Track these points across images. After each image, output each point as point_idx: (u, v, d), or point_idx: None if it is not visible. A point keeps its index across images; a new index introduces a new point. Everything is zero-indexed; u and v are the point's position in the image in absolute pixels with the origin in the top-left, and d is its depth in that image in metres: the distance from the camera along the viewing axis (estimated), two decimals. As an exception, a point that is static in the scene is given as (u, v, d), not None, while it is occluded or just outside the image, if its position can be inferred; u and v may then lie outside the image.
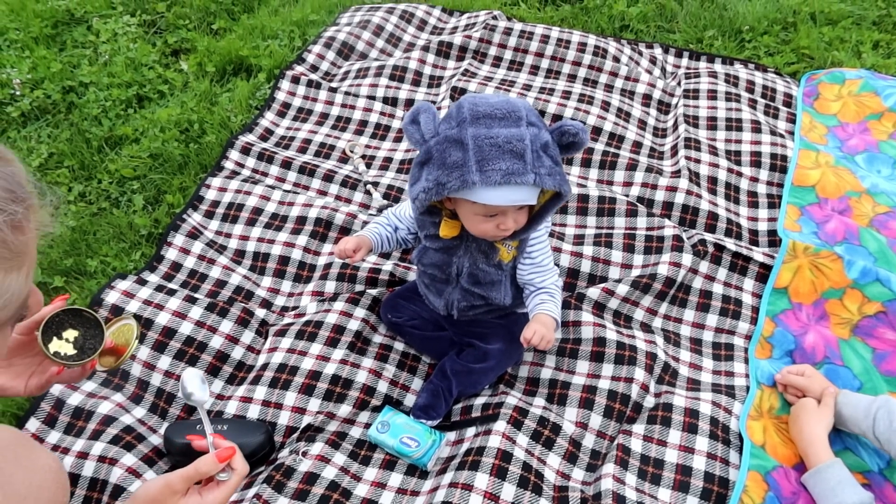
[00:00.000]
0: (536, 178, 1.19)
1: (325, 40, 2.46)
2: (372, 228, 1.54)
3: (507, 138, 1.19)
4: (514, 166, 1.18)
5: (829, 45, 2.51)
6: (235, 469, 1.01)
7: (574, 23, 2.63)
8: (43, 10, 2.64)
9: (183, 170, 2.08)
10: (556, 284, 1.48)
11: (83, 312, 1.05)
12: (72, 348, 1.03)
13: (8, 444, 1.00)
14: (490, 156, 1.18)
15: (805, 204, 1.95)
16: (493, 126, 1.20)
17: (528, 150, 1.19)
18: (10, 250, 0.66)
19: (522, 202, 1.25)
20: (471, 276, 1.46)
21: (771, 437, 1.48)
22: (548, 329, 1.38)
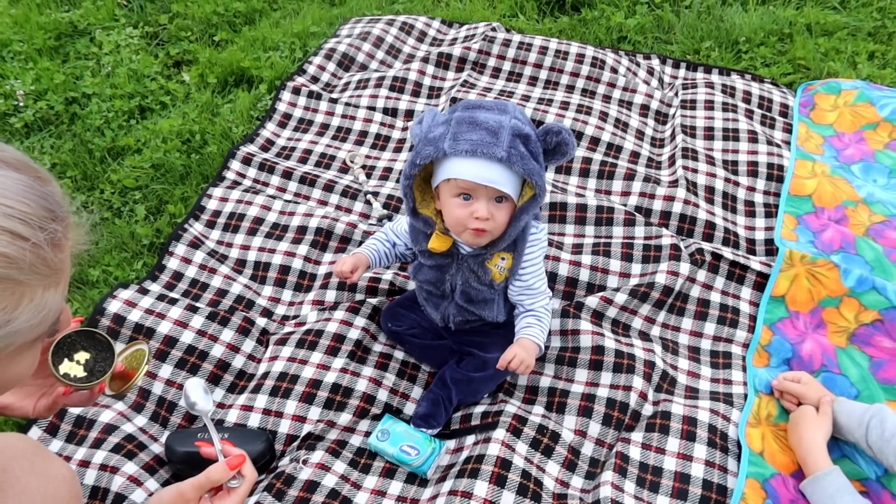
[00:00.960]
0: (506, 155, 1.22)
1: (326, 52, 2.49)
2: (369, 245, 1.56)
3: (486, 119, 1.25)
4: (485, 138, 1.23)
5: (825, 55, 2.54)
6: (245, 476, 1.03)
7: (572, 34, 2.65)
8: (46, 22, 2.67)
9: (185, 180, 2.10)
10: (546, 308, 1.48)
11: (96, 335, 1.05)
12: (82, 370, 1.03)
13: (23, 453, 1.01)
14: (465, 130, 1.24)
15: (802, 213, 1.96)
16: (478, 112, 1.27)
17: (503, 130, 1.24)
18: (49, 268, 0.68)
19: (492, 183, 1.26)
20: (464, 293, 1.47)
21: (769, 445, 1.48)
22: (529, 354, 1.40)
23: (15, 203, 0.65)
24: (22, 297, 0.67)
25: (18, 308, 0.66)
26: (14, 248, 0.65)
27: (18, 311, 0.66)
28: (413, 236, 1.47)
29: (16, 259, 0.65)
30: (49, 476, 1.02)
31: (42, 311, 0.69)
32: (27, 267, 0.66)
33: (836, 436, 1.46)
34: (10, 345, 0.68)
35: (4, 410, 1.04)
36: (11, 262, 0.64)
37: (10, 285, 0.65)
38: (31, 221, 0.66)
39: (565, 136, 1.27)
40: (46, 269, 0.68)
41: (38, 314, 0.69)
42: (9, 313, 0.66)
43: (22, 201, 0.66)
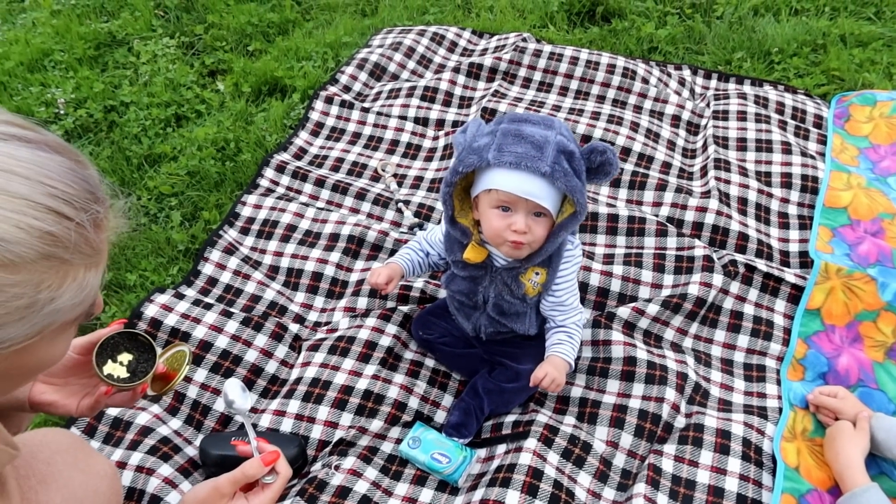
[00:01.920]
0: (549, 170, 1.23)
1: (358, 61, 2.52)
2: (403, 254, 1.57)
3: (532, 133, 1.25)
4: (529, 152, 1.23)
5: (860, 67, 2.51)
6: (280, 472, 1.04)
7: (602, 45, 2.65)
8: (86, 32, 2.73)
9: (219, 187, 2.13)
10: (578, 324, 1.48)
11: (138, 336, 1.07)
12: (125, 371, 1.05)
13: (67, 448, 1.03)
14: (510, 142, 1.25)
15: (837, 225, 1.94)
16: (524, 125, 1.28)
17: (549, 146, 1.24)
18: (91, 248, 0.70)
19: (533, 197, 1.26)
20: (496, 306, 1.47)
21: (805, 460, 1.46)
22: (559, 372, 1.40)
23: (59, 184, 0.67)
24: (66, 275, 0.68)
25: (63, 286, 0.68)
26: (60, 227, 0.66)
27: (62, 290, 0.68)
28: (448, 246, 1.47)
29: (61, 238, 0.66)
30: (91, 472, 1.04)
31: (84, 290, 0.71)
32: (72, 246, 0.67)
33: (874, 452, 1.44)
34: (53, 323, 0.70)
35: (48, 408, 1.07)
36: (57, 241, 0.66)
37: (56, 263, 0.67)
38: (74, 202, 0.68)
39: (609, 157, 1.28)
40: (89, 249, 0.70)
41: (80, 293, 0.71)
42: (54, 291, 0.67)
43: (66, 182, 0.68)
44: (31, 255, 0.64)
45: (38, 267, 0.65)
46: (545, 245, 1.34)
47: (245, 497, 1.01)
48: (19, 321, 0.66)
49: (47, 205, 0.66)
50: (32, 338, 0.69)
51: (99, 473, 1.06)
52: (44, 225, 0.65)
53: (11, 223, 0.63)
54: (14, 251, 0.63)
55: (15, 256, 0.63)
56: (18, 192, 0.64)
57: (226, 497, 0.98)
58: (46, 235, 0.65)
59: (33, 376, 0.78)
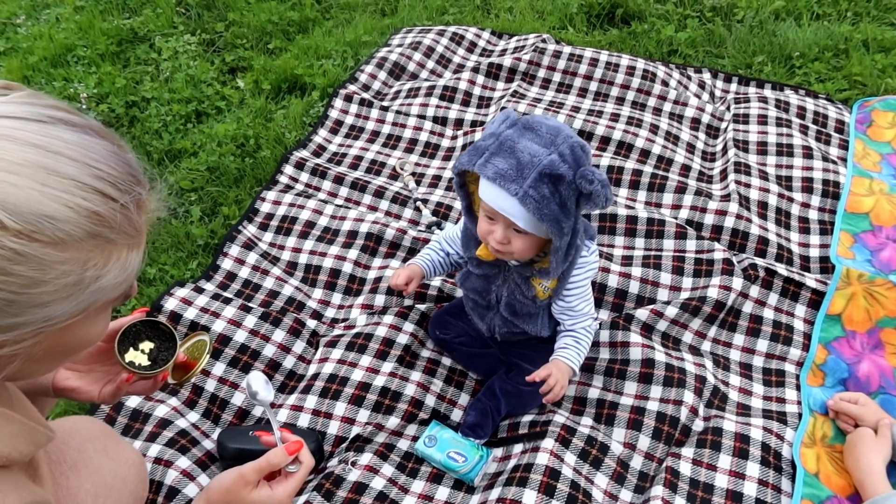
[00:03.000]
0: (521, 193, 1.18)
1: (378, 60, 2.52)
2: (424, 255, 1.57)
3: (525, 148, 1.20)
4: (509, 171, 1.19)
5: (883, 72, 2.49)
6: (303, 462, 1.05)
7: (622, 47, 2.65)
8: (109, 28, 2.76)
9: (239, 183, 2.14)
10: (588, 330, 1.46)
11: (160, 325, 1.09)
12: (146, 359, 1.07)
13: (97, 435, 1.04)
14: (499, 153, 1.21)
15: (858, 231, 1.92)
16: (525, 135, 1.23)
17: (532, 167, 1.18)
18: (135, 228, 0.72)
19: (509, 215, 1.23)
20: (508, 305, 1.47)
21: (825, 466, 1.45)
22: (563, 375, 1.39)
23: (104, 167, 0.69)
24: (111, 255, 0.70)
25: (107, 265, 0.70)
26: (106, 208, 0.68)
27: (107, 269, 0.70)
28: (464, 242, 1.47)
29: (107, 218, 0.68)
30: (120, 459, 1.05)
31: (126, 270, 0.73)
32: (117, 226, 0.69)
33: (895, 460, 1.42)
34: (97, 301, 0.71)
35: (71, 394, 1.08)
36: (103, 220, 0.68)
37: (102, 243, 0.69)
38: (119, 184, 0.70)
39: (597, 188, 1.18)
40: (132, 230, 0.72)
41: (122, 273, 0.72)
42: (99, 269, 0.69)
43: (110, 165, 0.70)
44: (79, 234, 0.66)
45: (85, 246, 0.67)
46: (555, 265, 1.30)
47: (269, 485, 1.02)
48: (66, 299, 0.67)
49: (94, 186, 0.67)
50: (76, 316, 0.70)
51: (127, 461, 1.07)
52: (91, 205, 0.67)
53: (61, 202, 0.65)
54: (63, 229, 0.65)
55: (64, 235, 0.65)
56: (67, 173, 0.66)
57: (250, 485, 0.99)
58: (94, 215, 0.67)
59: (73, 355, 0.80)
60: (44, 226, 0.63)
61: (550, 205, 1.19)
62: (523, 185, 1.18)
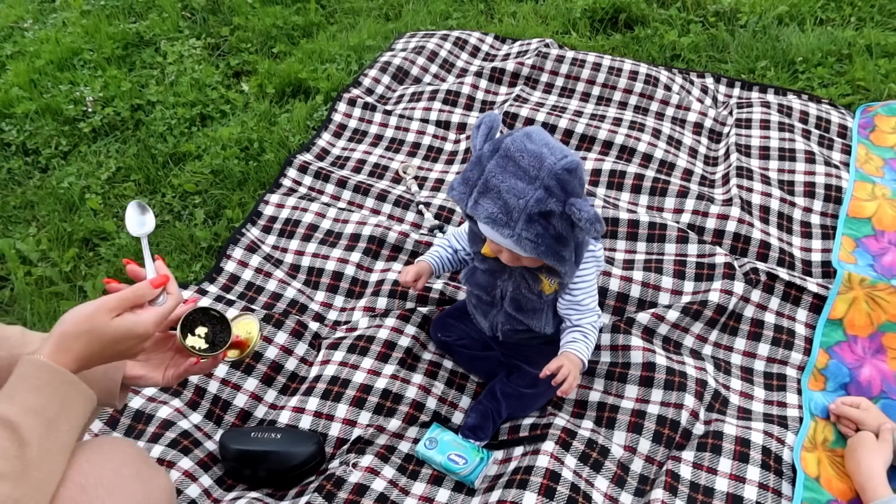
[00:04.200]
0: (515, 237, 1.21)
1: (381, 65, 2.54)
2: (433, 252, 1.59)
3: (510, 188, 1.19)
4: (498, 216, 1.21)
5: (886, 77, 2.49)
6: (171, 294, 1.03)
7: (625, 52, 2.66)
8: (115, 32, 2.78)
9: (242, 186, 2.16)
10: (594, 325, 1.47)
11: (210, 311, 1.15)
12: (203, 342, 1.13)
13: (133, 459, 1.05)
14: (487, 194, 1.22)
15: (861, 236, 1.92)
16: (507, 168, 1.20)
17: (520, 209, 1.19)
18: None
19: (508, 246, 1.27)
20: (513, 300, 1.47)
21: (826, 470, 1.45)
22: (574, 367, 1.40)
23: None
24: None
25: None
26: None
27: None
28: (471, 238, 1.48)
29: None
30: (153, 484, 1.06)
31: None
32: None
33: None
34: None
35: (138, 381, 1.12)
36: None
37: None
38: None
39: (585, 225, 1.17)
40: None
41: None
42: None
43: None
44: None
45: None
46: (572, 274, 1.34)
47: (133, 311, 0.98)
48: None
49: None
50: None
51: (160, 487, 1.08)
52: None
53: None
54: None
55: None
56: None
57: (113, 312, 0.95)
58: None
59: None
60: None
61: (546, 240, 1.21)
62: (515, 228, 1.20)
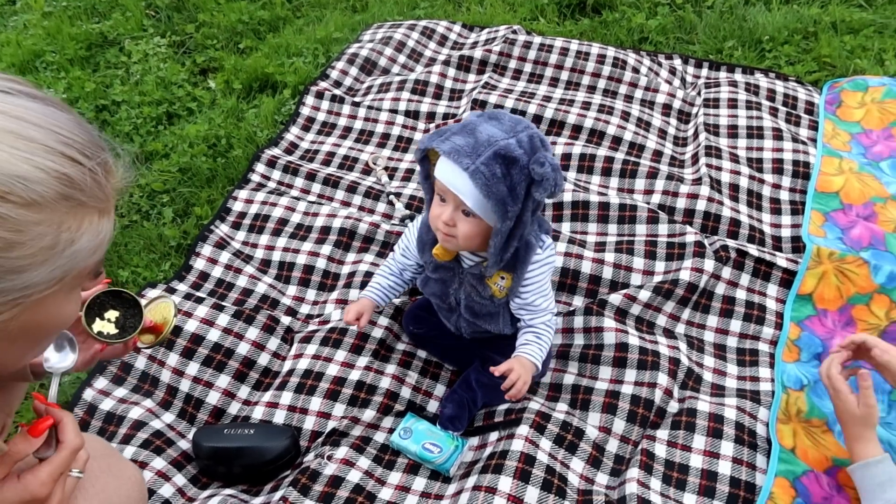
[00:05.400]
0: (473, 168, 1.19)
1: (349, 57, 2.52)
2: (373, 285, 1.57)
3: (485, 130, 1.22)
4: (463, 147, 1.20)
5: (851, 53, 2.51)
6: (63, 442, 0.86)
7: (593, 36, 2.65)
8: (78, 33, 2.73)
9: (211, 183, 2.13)
10: (548, 324, 1.45)
11: (122, 294, 1.09)
12: (113, 328, 1.07)
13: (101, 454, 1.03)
14: (461, 133, 1.23)
15: (829, 210, 1.93)
16: (488, 122, 1.25)
17: (488, 147, 1.20)
18: (104, 193, 0.73)
19: (458, 192, 1.23)
20: (468, 307, 1.47)
21: (801, 441, 1.46)
22: (525, 372, 1.38)
23: (69, 133, 0.70)
24: (83, 218, 0.71)
25: (81, 229, 0.71)
26: (75, 171, 0.69)
27: (81, 232, 0.71)
28: (420, 246, 1.46)
29: (77, 181, 0.69)
30: (123, 477, 1.05)
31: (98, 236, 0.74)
32: (87, 189, 0.70)
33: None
34: (72, 269, 0.72)
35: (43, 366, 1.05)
36: (74, 183, 0.69)
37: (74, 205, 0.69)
38: (85, 150, 0.71)
39: (547, 170, 1.19)
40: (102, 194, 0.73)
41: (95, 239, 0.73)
42: (73, 233, 0.70)
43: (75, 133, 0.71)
44: (51, 195, 0.66)
45: (58, 207, 0.67)
46: (495, 251, 1.29)
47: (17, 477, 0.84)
48: (43, 263, 0.67)
49: (61, 150, 0.68)
50: (53, 286, 0.70)
51: (130, 479, 1.07)
52: (61, 168, 0.67)
53: (31, 164, 0.65)
54: (36, 190, 0.65)
55: (37, 196, 0.65)
56: (34, 138, 0.66)
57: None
58: (64, 177, 0.68)
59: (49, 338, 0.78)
60: (16, 187, 0.64)
61: (499, 185, 1.20)
62: (476, 160, 1.19)
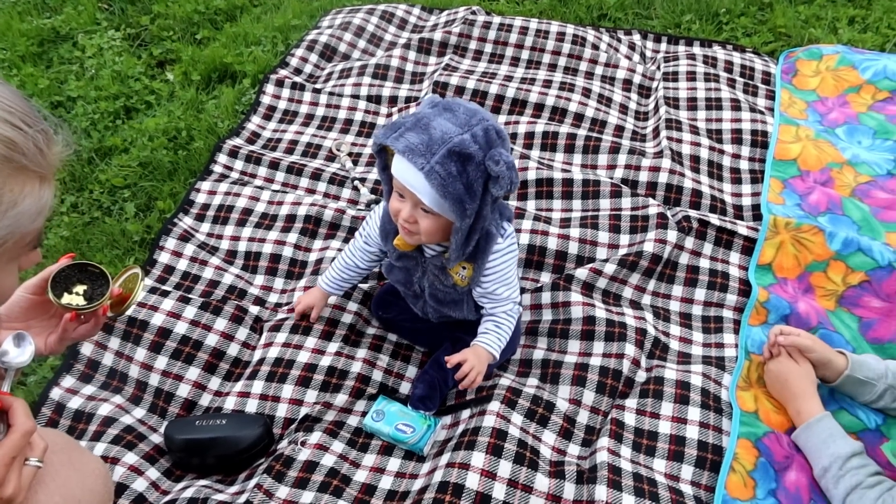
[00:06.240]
0: (428, 168, 1.17)
1: (308, 43, 2.49)
2: (328, 277, 1.58)
3: (439, 126, 1.20)
4: (418, 146, 1.18)
5: (806, 23, 2.55)
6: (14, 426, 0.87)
7: (552, 14, 2.66)
8: (28, 29, 2.67)
9: (173, 176, 2.10)
10: (510, 313, 1.45)
11: (88, 267, 1.08)
12: (82, 300, 1.06)
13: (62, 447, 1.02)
14: (415, 129, 1.21)
15: (787, 177, 1.97)
16: (442, 115, 1.22)
17: (442, 145, 1.18)
18: (45, 160, 0.75)
19: (415, 190, 1.22)
20: (432, 295, 1.48)
21: (763, 404, 1.49)
22: (480, 361, 1.39)
23: (11, 104, 0.74)
24: (25, 182, 0.73)
25: (23, 192, 0.73)
26: (18, 135, 0.72)
27: (23, 196, 0.73)
28: (383, 234, 1.46)
29: (20, 145, 0.72)
30: (86, 470, 1.04)
31: (40, 202, 0.76)
32: (30, 154, 0.73)
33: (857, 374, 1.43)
34: (13, 234, 0.74)
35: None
36: (17, 146, 0.72)
37: (17, 168, 0.72)
38: (27, 119, 0.74)
39: (502, 169, 1.18)
40: (43, 161, 0.75)
41: (37, 203, 0.75)
42: (16, 195, 0.72)
43: (16, 103, 0.74)
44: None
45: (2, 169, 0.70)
46: (457, 245, 1.29)
47: None
48: None
49: (3, 117, 0.71)
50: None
51: (94, 472, 1.06)
52: (3, 131, 0.70)
53: None
54: None
55: None
56: None
57: None
58: (7, 140, 0.70)
59: None
60: None
61: (455, 183, 1.19)
62: (431, 160, 1.17)
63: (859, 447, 1.32)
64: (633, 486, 1.33)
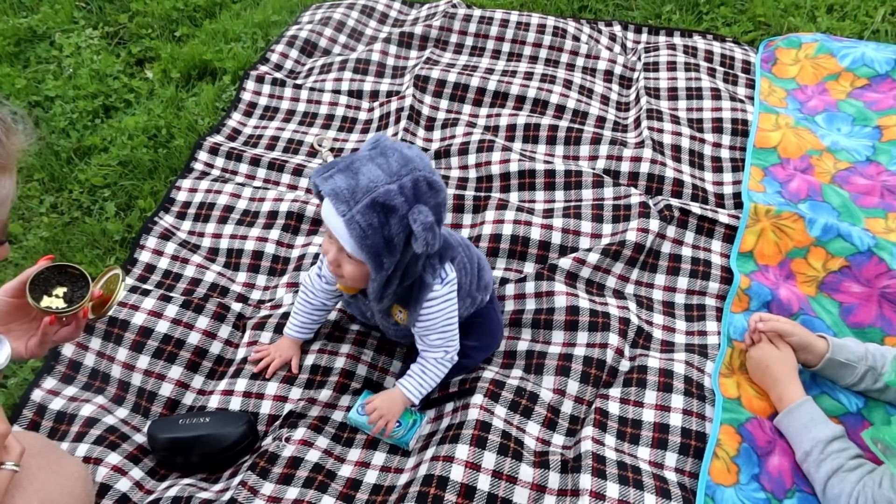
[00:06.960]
0: (349, 217, 1.15)
1: (288, 39, 2.48)
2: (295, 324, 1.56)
3: (368, 172, 1.16)
4: (342, 191, 1.15)
5: (785, 11, 2.56)
6: None
7: (533, 6, 2.66)
8: (4, 28, 2.64)
9: (153, 175, 2.09)
10: (438, 361, 1.43)
11: (68, 268, 1.07)
12: (62, 303, 1.04)
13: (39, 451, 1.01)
14: (345, 172, 1.18)
15: (768, 165, 1.98)
16: (375, 160, 1.19)
17: (366, 194, 1.15)
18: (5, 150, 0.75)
19: (335, 232, 1.20)
20: (386, 328, 1.49)
21: (746, 391, 1.50)
22: (392, 405, 1.42)
23: None
24: None
25: None
26: None
27: None
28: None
29: None
30: (66, 474, 1.03)
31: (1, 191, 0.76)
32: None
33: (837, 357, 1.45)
34: None
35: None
36: None
37: None
38: None
39: (417, 228, 1.15)
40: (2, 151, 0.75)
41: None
42: None
43: None
44: None
45: None
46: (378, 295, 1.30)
47: None
48: None
49: None
50: None
51: (73, 475, 1.05)
52: None
53: None
54: None
55: None
56: None
57: None
58: None
59: None
60: None
61: (375, 236, 1.16)
62: (353, 208, 1.15)
63: (840, 431, 1.33)
64: (617, 475, 1.33)
